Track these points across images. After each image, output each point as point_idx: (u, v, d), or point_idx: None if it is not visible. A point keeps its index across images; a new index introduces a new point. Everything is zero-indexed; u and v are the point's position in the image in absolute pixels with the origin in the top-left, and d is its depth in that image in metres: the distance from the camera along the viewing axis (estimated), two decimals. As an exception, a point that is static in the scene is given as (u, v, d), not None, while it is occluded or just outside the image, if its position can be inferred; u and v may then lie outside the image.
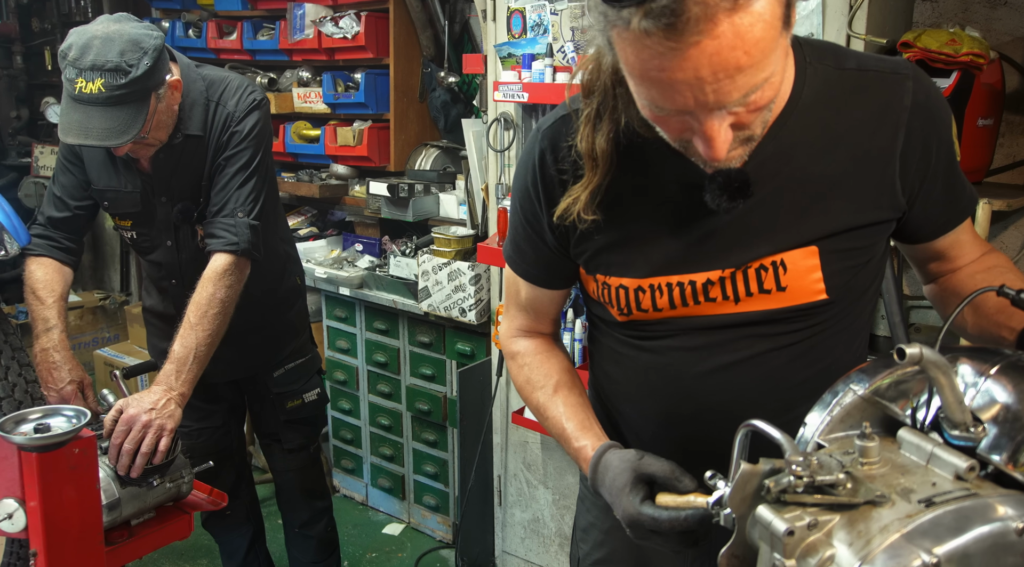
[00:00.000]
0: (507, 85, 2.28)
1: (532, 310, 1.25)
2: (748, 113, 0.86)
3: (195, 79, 1.90)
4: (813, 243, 1.02)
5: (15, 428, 1.35)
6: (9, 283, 4.71)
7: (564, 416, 1.14)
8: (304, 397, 2.29)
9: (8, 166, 4.67)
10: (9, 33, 4.52)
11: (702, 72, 0.79)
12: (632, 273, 1.08)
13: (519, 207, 1.17)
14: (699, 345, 1.08)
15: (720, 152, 0.88)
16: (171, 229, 1.99)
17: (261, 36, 3.49)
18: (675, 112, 0.86)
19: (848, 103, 1.02)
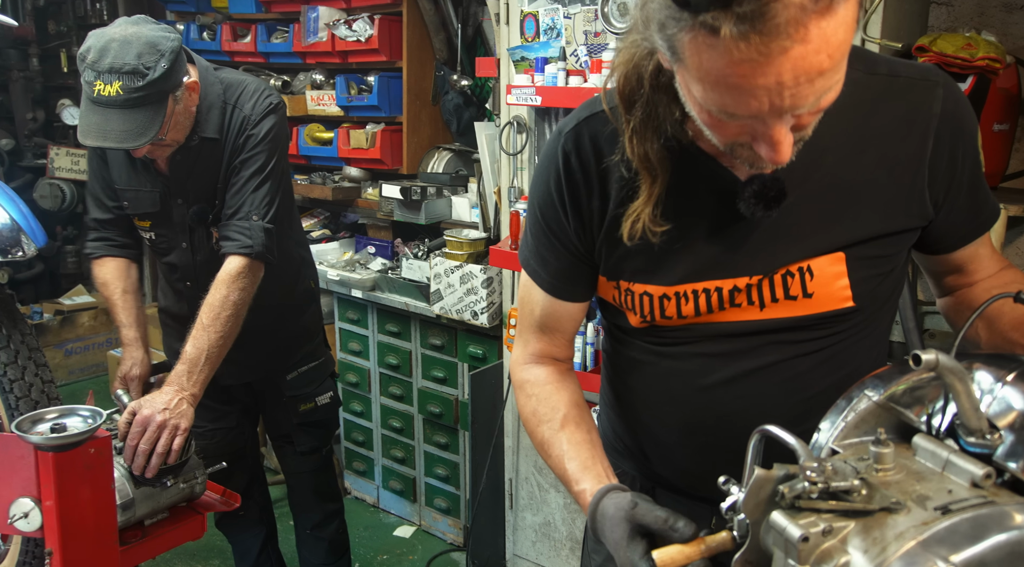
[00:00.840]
0: (520, 88, 2.28)
1: (548, 328, 1.19)
2: (810, 115, 0.85)
3: (213, 82, 1.91)
4: (841, 250, 1.01)
5: (32, 428, 1.36)
6: (26, 283, 4.75)
7: (567, 455, 1.08)
8: (317, 400, 2.29)
9: (24, 168, 4.71)
10: (26, 36, 4.57)
11: (784, 77, 0.77)
12: (658, 280, 1.06)
13: (540, 215, 1.12)
14: (722, 351, 1.06)
15: (785, 156, 0.85)
16: (187, 231, 2.01)
17: (275, 39, 3.51)
18: (744, 118, 0.83)
19: (878, 108, 1.01)
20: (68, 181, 4.68)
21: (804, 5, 0.73)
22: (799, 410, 1.04)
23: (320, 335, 2.36)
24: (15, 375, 1.52)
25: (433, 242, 3.03)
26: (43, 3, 4.54)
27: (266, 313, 2.05)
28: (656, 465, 1.19)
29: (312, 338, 2.31)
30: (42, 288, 4.86)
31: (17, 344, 1.54)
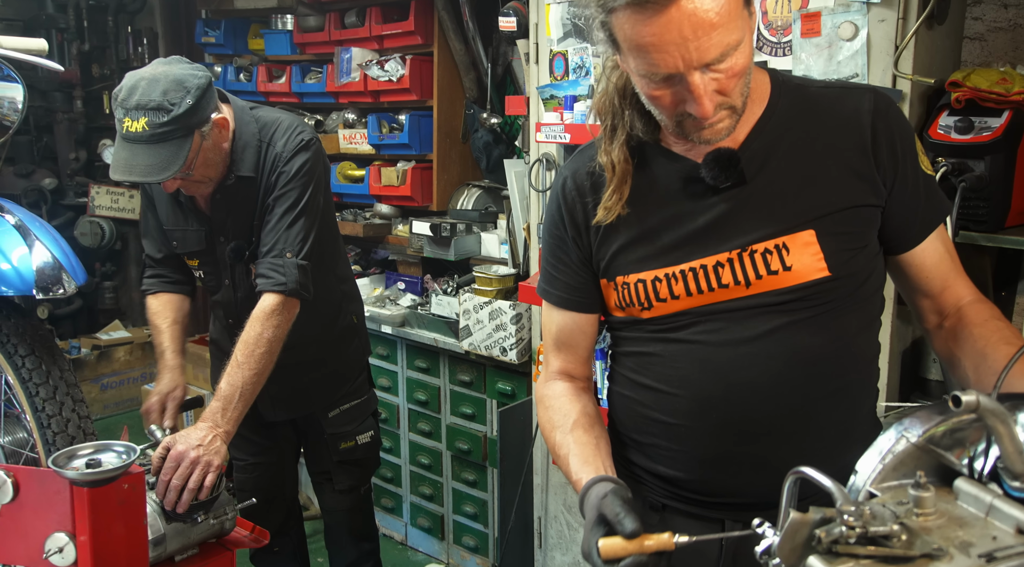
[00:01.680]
0: (549, 126, 2.30)
1: (565, 345, 1.31)
2: (728, 79, 1.04)
3: (248, 121, 1.94)
4: (809, 225, 1.13)
5: (68, 463, 1.38)
6: (64, 319, 4.85)
7: (572, 453, 1.18)
8: (358, 439, 2.28)
9: (66, 206, 4.84)
10: (71, 79, 4.72)
11: (685, 31, 0.98)
12: (648, 266, 1.19)
13: (548, 239, 1.30)
14: (721, 326, 1.16)
15: (707, 108, 1.04)
16: (228, 268, 2.04)
17: (309, 79, 3.60)
18: (666, 79, 1.03)
19: (819, 113, 1.17)
20: (107, 219, 4.79)
21: None
22: (803, 379, 1.14)
23: (363, 372, 2.35)
24: (53, 410, 1.55)
25: (462, 278, 3.05)
26: (88, 48, 4.70)
27: (307, 348, 2.07)
28: (671, 464, 1.23)
29: (355, 375, 2.30)
30: (80, 323, 4.96)
31: (56, 380, 1.57)
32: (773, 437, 1.16)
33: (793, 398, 1.14)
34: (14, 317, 1.64)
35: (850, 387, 1.19)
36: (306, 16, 3.52)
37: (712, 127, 1.08)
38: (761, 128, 1.17)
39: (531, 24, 2.45)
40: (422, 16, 3.15)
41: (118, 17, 4.66)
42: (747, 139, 1.16)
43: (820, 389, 1.15)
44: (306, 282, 1.90)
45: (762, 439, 1.16)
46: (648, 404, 1.23)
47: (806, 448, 1.15)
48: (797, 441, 1.16)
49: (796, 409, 1.15)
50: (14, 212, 1.61)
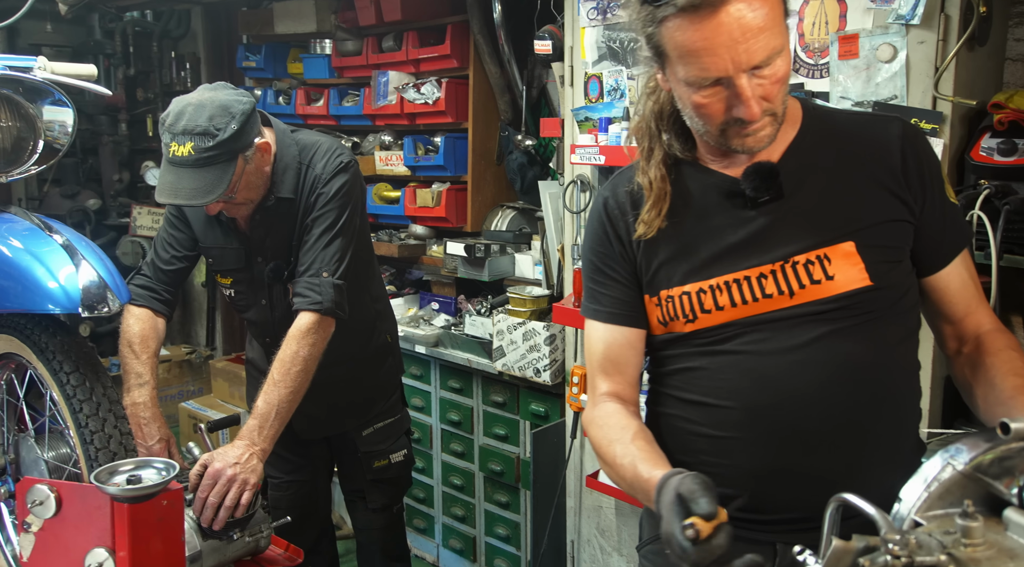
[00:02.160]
0: (584, 148, 2.31)
1: (612, 365, 1.31)
2: (771, 85, 1.09)
3: (289, 144, 1.97)
4: (849, 237, 1.16)
5: (109, 479, 1.40)
6: (105, 336, 4.95)
7: (638, 458, 1.17)
8: (391, 457, 2.29)
9: (108, 226, 4.95)
10: (117, 103, 4.85)
11: (735, 33, 1.04)
12: (692, 278, 1.22)
13: (591, 257, 1.33)
14: (767, 336, 1.18)
15: (755, 109, 1.09)
16: (265, 288, 2.06)
17: (346, 102, 3.65)
18: (715, 84, 1.09)
19: (850, 137, 1.23)
20: (148, 239, 4.90)
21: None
22: (850, 387, 1.16)
23: (397, 391, 2.36)
24: (96, 427, 1.57)
25: (496, 299, 3.05)
26: (133, 73, 4.83)
27: (341, 367, 2.08)
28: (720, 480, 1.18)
29: (389, 394, 2.31)
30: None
31: (99, 397, 1.60)
32: (824, 447, 1.16)
33: (842, 406, 1.16)
34: (60, 334, 1.67)
35: (896, 398, 1.20)
36: (344, 40, 3.58)
37: (755, 134, 1.13)
38: (796, 148, 1.21)
39: (566, 47, 2.47)
40: (458, 40, 3.19)
41: (162, 43, 4.79)
42: (783, 158, 1.20)
43: (868, 397, 1.16)
44: (342, 301, 1.91)
45: (813, 449, 1.16)
46: (695, 420, 1.24)
47: (857, 460, 1.16)
48: (848, 452, 1.17)
49: (845, 417, 1.16)
50: (62, 232, 1.65)
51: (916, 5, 1.72)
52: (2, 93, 1.68)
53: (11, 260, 1.57)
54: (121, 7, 4.31)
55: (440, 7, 3.30)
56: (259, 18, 3.90)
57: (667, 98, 1.24)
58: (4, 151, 1.72)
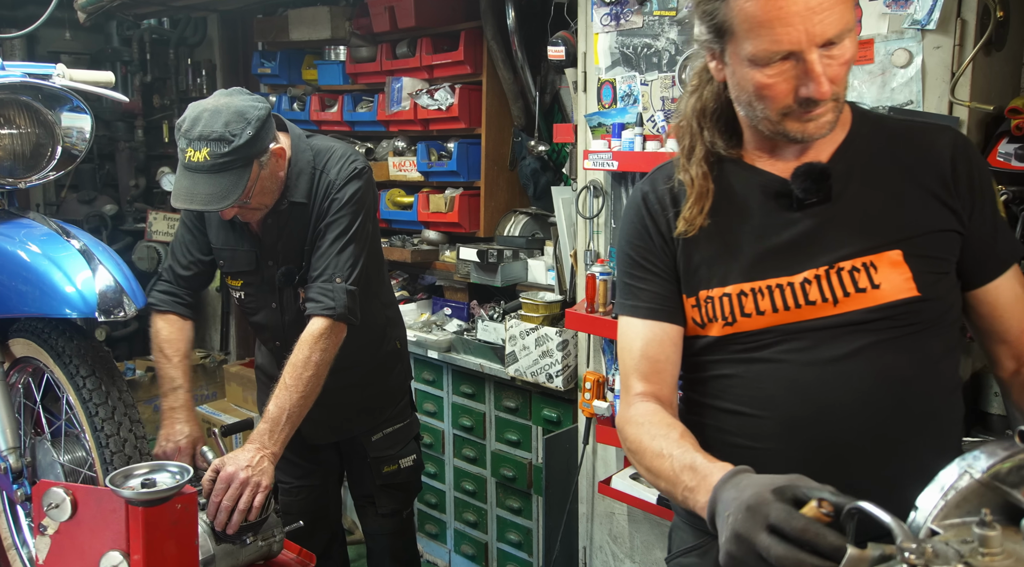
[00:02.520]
0: (597, 153, 2.31)
1: (650, 362, 1.23)
2: (839, 66, 1.06)
3: (304, 149, 1.98)
4: (896, 245, 1.13)
5: (124, 482, 1.41)
6: (121, 341, 4.99)
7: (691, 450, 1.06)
8: (400, 463, 2.28)
9: (125, 231, 4.99)
10: (133, 109, 4.90)
11: (811, 2, 1.01)
12: (732, 280, 1.18)
13: (628, 251, 1.28)
14: (806, 345, 1.14)
15: (824, 86, 1.05)
16: (276, 291, 2.06)
17: (360, 109, 3.67)
18: (783, 60, 1.05)
19: (901, 142, 1.19)
20: (164, 244, 4.93)
21: None
22: (891, 401, 1.12)
23: (406, 397, 2.36)
24: (111, 430, 1.59)
25: (509, 304, 3.05)
26: (150, 79, 4.87)
27: (351, 373, 2.08)
28: None
29: (398, 399, 2.31)
30: (135, 345, 5.09)
31: (115, 400, 1.61)
32: (862, 462, 1.13)
33: (882, 420, 1.12)
34: (76, 338, 1.69)
35: (937, 413, 1.16)
36: (358, 47, 3.60)
37: (818, 119, 1.10)
38: (845, 150, 1.18)
39: (579, 53, 2.47)
40: (471, 46, 3.20)
41: (179, 50, 4.84)
42: (832, 159, 1.17)
43: (908, 411, 1.13)
44: (354, 307, 1.92)
45: (851, 463, 1.12)
46: (730, 429, 1.20)
47: (895, 475, 1.12)
48: (886, 467, 1.13)
49: (885, 431, 1.12)
50: (79, 237, 1.67)
51: (932, 10, 1.71)
52: (22, 100, 1.70)
53: (29, 265, 1.59)
54: (139, 15, 4.35)
55: (454, 13, 3.32)
56: (274, 25, 3.92)
57: (711, 94, 1.22)
58: (23, 157, 1.74)
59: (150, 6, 4.01)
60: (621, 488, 2.41)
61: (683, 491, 1.03)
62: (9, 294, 1.61)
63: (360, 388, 2.19)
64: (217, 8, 4.25)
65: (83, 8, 3.81)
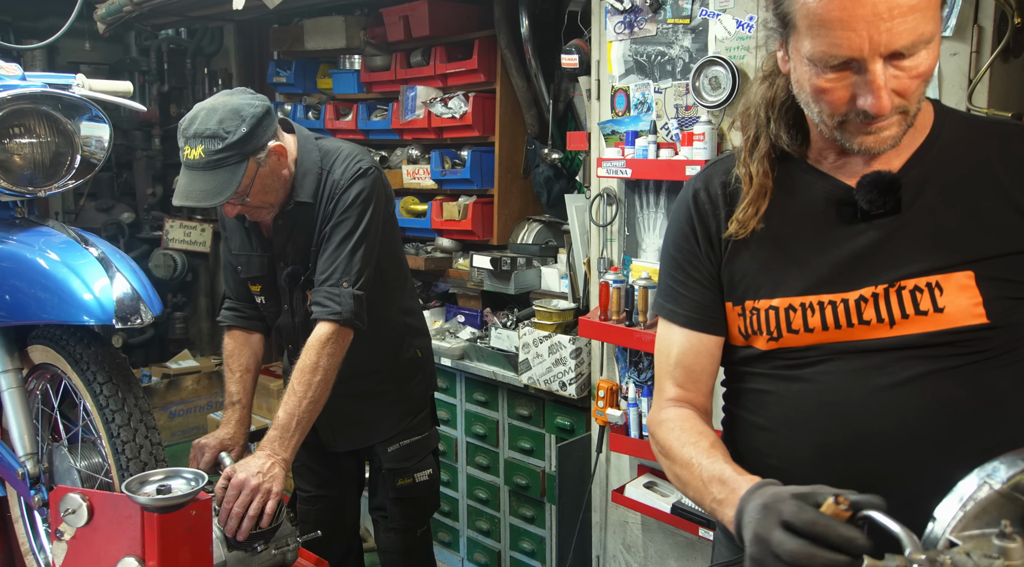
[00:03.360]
0: (610, 161, 2.31)
1: (684, 370, 1.18)
2: (910, 79, 0.95)
3: (311, 149, 1.97)
4: (968, 266, 1.02)
5: (140, 488, 1.41)
6: (137, 347, 5.03)
7: (721, 460, 1.02)
8: (416, 476, 2.22)
9: (142, 239, 5.04)
10: (151, 118, 4.95)
11: (879, 8, 0.90)
12: (782, 292, 1.09)
13: (672, 253, 1.21)
14: (855, 368, 1.05)
15: (884, 102, 0.94)
16: (287, 294, 2.06)
17: (375, 117, 3.69)
18: (843, 65, 0.95)
19: (985, 145, 1.07)
20: (180, 251, 4.97)
21: None
22: (944, 435, 1.02)
23: (427, 409, 2.29)
24: (127, 437, 1.60)
25: (522, 312, 3.05)
26: (167, 89, 4.92)
27: (366, 379, 2.08)
28: None
29: (417, 410, 2.24)
30: (151, 352, 5.13)
31: (131, 407, 1.62)
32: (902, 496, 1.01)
33: (932, 456, 1.02)
34: (94, 345, 1.70)
35: (995, 451, 1.02)
36: (373, 56, 3.63)
37: (879, 133, 0.99)
38: (921, 156, 1.07)
39: (593, 61, 2.48)
40: (485, 55, 3.22)
41: (196, 59, 4.88)
42: (906, 166, 1.07)
43: (962, 447, 1.01)
44: (361, 312, 1.89)
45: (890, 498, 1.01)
46: (764, 449, 1.13)
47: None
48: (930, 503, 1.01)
49: (932, 467, 1.01)
50: (97, 244, 1.68)
51: (948, 17, 1.70)
52: (42, 110, 1.72)
53: (48, 272, 1.60)
54: (157, 25, 4.40)
55: (468, 22, 3.33)
56: (290, 35, 3.96)
57: (783, 84, 1.11)
58: (43, 166, 1.76)
59: (168, 16, 4.05)
60: (635, 497, 2.40)
61: (711, 502, 1.01)
62: (28, 301, 1.63)
63: (377, 396, 2.16)
64: (233, 18, 4.29)
65: (103, 19, 3.86)
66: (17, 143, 1.71)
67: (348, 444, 2.22)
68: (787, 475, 1.07)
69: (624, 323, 2.32)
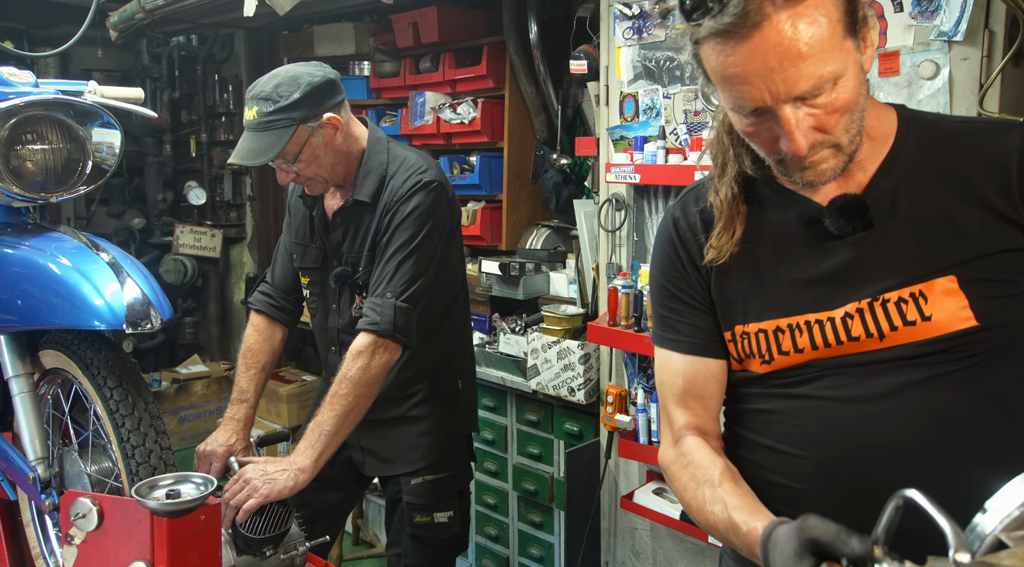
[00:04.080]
0: (619, 166, 2.31)
1: (691, 397, 1.17)
2: (827, 115, 0.96)
3: (380, 151, 1.95)
4: (949, 271, 1.02)
5: (149, 493, 1.42)
6: (147, 352, 5.05)
7: (730, 506, 1.03)
8: (435, 516, 2.06)
9: (152, 244, 5.07)
10: (162, 125, 4.98)
11: (770, 61, 0.92)
12: (768, 315, 1.10)
13: (662, 282, 1.21)
14: (850, 381, 1.05)
15: (800, 145, 0.96)
16: (335, 293, 2.02)
17: (384, 123, 3.70)
18: (756, 113, 0.97)
19: (954, 150, 1.06)
20: (190, 257, 4.99)
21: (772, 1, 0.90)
22: (948, 442, 1.01)
23: (460, 446, 2.14)
24: (137, 441, 1.60)
25: (531, 317, 3.05)
26: (178, 95, 4.96)
27: (401, 404, 2.00)
28: None
29: (450, 446, 2.09)
30: (161, 357, 5.15)
31: (140, 412, 1.62)
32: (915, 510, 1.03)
33: (937, 464, 1.01)
34: (104, 350, 1.71)
35: (1004, 453, 1.03)
36: (382, 62, 3.64)
37: (815, 168, 1.01)
38: (888, 167, 1.07)
39: (602, 66, 2.48)
40: (494, 60, 3.23)
41: (206, 66, 4.92)
42: (873, 180, 1.07)
43: (968, 454, 1.01)
44: (405, 326, 1.81)
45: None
46: (768, 466, 1.12)
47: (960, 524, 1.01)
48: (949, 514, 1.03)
49: (941, 477, 1.00)
50: (108, 250, 1.69)
51: (959, 21, 1.70)
52: (54, 116, 1.73)
53: (60, 277, 1.61)
54: (168, 32, 4.43)
55: (477, 29, 3.34)
56: (299, 41, 3.98)
57: None
58: (55, 172, 1.77)
59: (179, 23, 4.08)
60: (644, 503, 2.39)
61: (739, 544, 1.02)
62: (40, 306, 1.64)
63: (411, 422, 2.05)
64: (244, 25, 4.32)
65: (115, 26, 3.89)
66: (30, 149, 1.72)
67: (375, 469, 2.11)
68: (791, 493, 1.08)
69: (633, 329, 2.32)
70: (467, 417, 2.16)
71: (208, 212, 5.07)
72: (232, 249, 5.16)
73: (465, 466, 2.16)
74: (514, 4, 3.09)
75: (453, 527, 2.10)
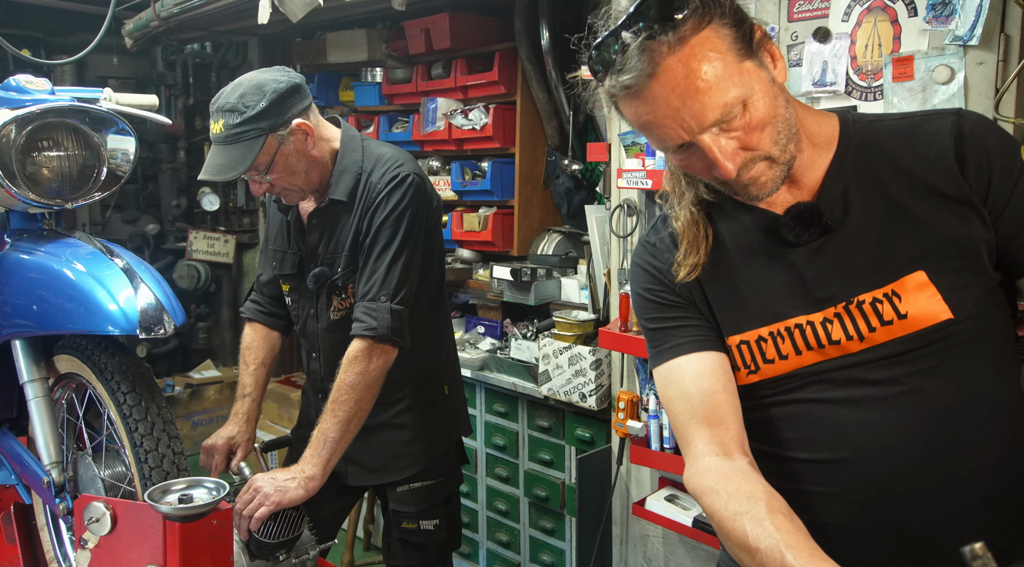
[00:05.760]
0: (631, 172, 2.31)
1: (707, 399, 1.11)
2: (748, 134, 1.00)
3: (354, 149, 1.90)
4: (916, 264, 1.04)
5: (162, 497, 1.43)
6: (160, 357, 5.08)
7: (784, 543, 0.94)
8: (421, 523, 2.04)
9: (166, 250, 5.11)
10: (176, 131, 5.02)
11: (674, 102, 0.97)
12: (749, 325, 1.12)
13: (648, 298, 1.21)
14: (838, 383, 1.08)
15: (728, 168, 1.00)
16: (313, 297, 1.98)
17: (396, 129, 3.72)
18: (682, 149, 1.02)
19: (896, 145, 1.09)
20: (203, 262, 5.03)
21: (658, 49, 0.95)
22: (938, 435, 1.04)
23: (447, 453, 2.10)
24: (150, 446, 1.61)
25: (542, 323, 3.05)
26: (192, 102, 5.00)
27: (386, 410, 1.97)
28: None
29: (435, 453, 2.05)
30: (175, 362, 5.18)
31: (154, 416, 1.63)
32: (913, 502, 1.05)
33: (930, 455, 1.04)
34: (118, 355, 1.72)
35: (994, 442, 1.06)
36: (394, 69, 3.66)
37: (755, 183, 1.04)
38: (835, 171, 1.09)
39: (613, 72, 2.48)
40: (506, 67, 3.23)
41: (220, 73, 4.95)
42: (823, 186, 1.09)
43: (960, 445, 1.04)
44: (400, 328, 1.80)
45: (900, 506, 1.05)
46: (771, 471, 1.10)
47: (952, 515, 1.04)
48: (941, 507, 1.04)
49: (936, 469, 1.04)
50: (122, 256, 1.70)
51: (974, 26, 1.69)
52: (70, 123, 1.75)
53: (74, 283, 1.62)
54: (182, 40, 4.47)
55: (488, 35, 3.35)
56: (312, 48, 4.00)
57: None
58: (71, 178, 1.79)
59: (193, 31, 4.11)
60: (656, 510, 2.38)
61: None
62: (55, 311, 1.65)
63: (396, 429, 2.01)
64: (257, 32, 4.35)
65: (130, 34, 3.93)
66: (46, 156, 1.74)
67: (359, 479, 2.06)
68: (794, 495, 1.08)
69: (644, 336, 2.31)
70: (455, 423, 2.13)
71: (221, 218, 5.10)
72: (245, 254, 5.19)
73: (453, 472, 2.12)
74: (526, 11, 3.10)
75: (439, 535, 2.07)
